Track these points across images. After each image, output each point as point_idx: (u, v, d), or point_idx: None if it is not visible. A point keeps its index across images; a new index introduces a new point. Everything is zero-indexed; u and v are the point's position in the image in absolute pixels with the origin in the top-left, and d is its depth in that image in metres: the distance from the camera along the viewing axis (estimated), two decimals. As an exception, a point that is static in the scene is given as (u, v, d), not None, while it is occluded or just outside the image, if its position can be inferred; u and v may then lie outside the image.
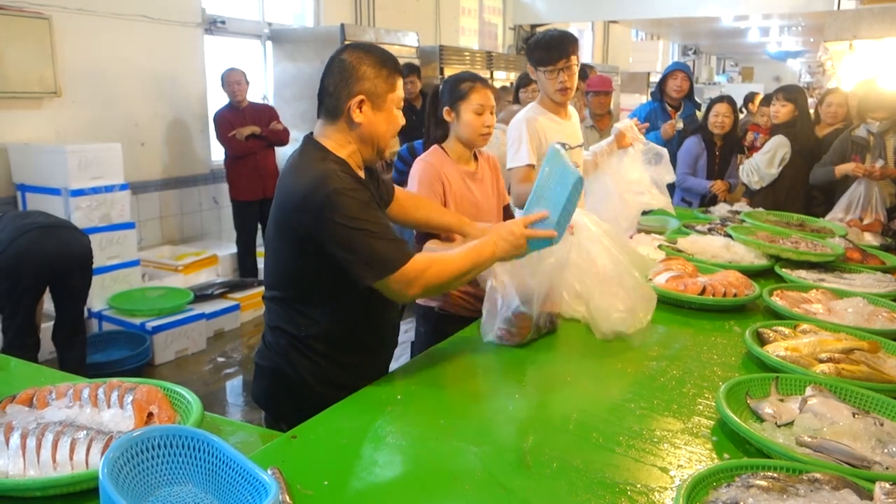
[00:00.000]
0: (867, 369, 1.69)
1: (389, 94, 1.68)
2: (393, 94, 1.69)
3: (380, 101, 1.67)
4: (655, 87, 5.12)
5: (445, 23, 8.56)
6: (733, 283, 2.35)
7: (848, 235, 3.26)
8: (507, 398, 1.65)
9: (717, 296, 2.29)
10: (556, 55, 2.58)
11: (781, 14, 9.80)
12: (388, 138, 1.73)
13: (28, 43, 4.10)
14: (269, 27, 6.11)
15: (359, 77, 1.64)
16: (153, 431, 1.15)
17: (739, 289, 2.33)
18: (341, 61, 1.66)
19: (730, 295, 2.30)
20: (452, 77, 2.42)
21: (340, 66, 1.66)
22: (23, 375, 1.79)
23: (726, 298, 2.29)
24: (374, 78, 1.65)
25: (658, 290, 2.33)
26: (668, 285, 2.36)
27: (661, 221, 3.64)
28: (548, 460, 1.35)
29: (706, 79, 18.60)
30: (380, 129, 1.69)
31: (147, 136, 5.07)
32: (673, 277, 2.40)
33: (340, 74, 1.65)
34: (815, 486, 1.16)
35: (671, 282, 2.37)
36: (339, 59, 1.67)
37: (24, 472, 1.21)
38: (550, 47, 2.60)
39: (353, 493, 1.24)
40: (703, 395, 1.66)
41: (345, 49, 1.69)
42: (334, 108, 1.67)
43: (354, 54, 1.66)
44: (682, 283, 2.35)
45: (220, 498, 1.13)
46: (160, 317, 4.19)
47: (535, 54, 2.64)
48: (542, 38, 2.64)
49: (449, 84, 2.37)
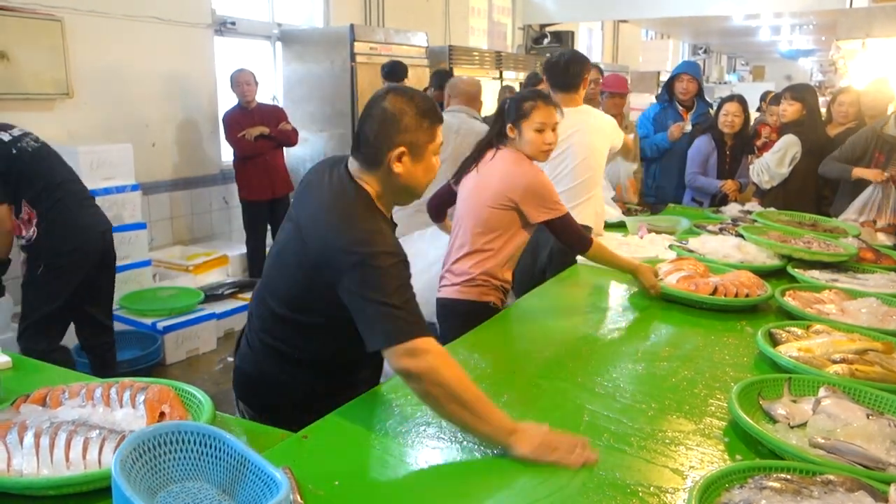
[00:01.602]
0: (881, 370, 1.67)
1: (430, 145, 1.64)
2: (433, 144, 1.65)
3: (420, 151, 1.62)
4: (662, 88, 5.09)
5: (455, 23, 8.55)
6: (745, 284, 2.33)
7: (861, 235, 3.23)
8: (517, 399, 1.65)
9: (730, 296, 2.27)
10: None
11: (793, 12, 9.72)
12: (425, 186, 1.70)
13: (40, 44, 4.12)
14: (278, 28, 6.13)
15: (401, 129, 1.59)
16: (165, 427, 1.15)
17: (752, 289, 2.32)
18: (383, 110, 1.60)
19: (741, 295, 2.28)
20: (517, 94, 2.58)
21: (382, 114, 1.60)
22: (36, 375, 1.80)
23: (738, 299, 2.27)
24: (415, 130, 1.60)
25: (669, 290, 2.34)
26: (680, 285, 2.35)
27: (671, 221, 3.62)
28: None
29: (717, 78, 18.48)
30: (418, 178, 1.66)
31: (158, 136, 5.09)
32: (684, 277, 2.39)
33: (381, 124, 1.60)
34: (829, 487, 1.15)
35: (682, 282, 2.36)
36: (380, 108, 1.61)
37: (38, 471, 1.22)
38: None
39: (364, 493, 1.24)
40: (714, 396, 1.65)
41: (386, 95, 1.63)
42: (373, 158, 1.63)
43: (397, 103, 1.60)
44: (693, 283, 2.34)
45: (232, 494, 1.13)
46: (171, 317, 4.21)
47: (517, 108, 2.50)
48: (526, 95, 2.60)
49: (513, 102, 2.48)
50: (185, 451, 1.15)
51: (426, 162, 1.65)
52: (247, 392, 1.84)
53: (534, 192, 2.37)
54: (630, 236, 3.28)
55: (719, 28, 13.27)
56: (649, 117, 4.96)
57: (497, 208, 2.39)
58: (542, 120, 2.40)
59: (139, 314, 4.20)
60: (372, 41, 5.87)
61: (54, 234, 2.98)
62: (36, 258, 3.03)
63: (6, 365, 1.79)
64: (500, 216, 2.40)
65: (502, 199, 2.38)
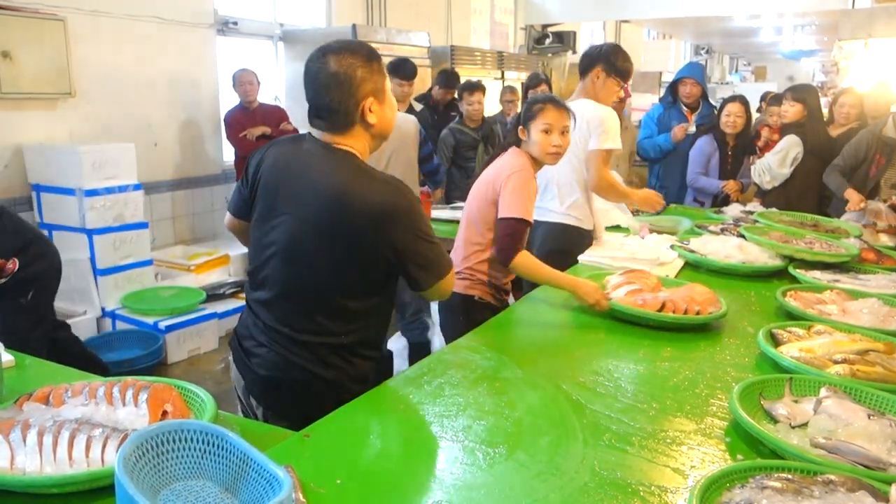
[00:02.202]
0: (882, 370, 1.67)
1: (384, 82, 1.71)
2: (385, 81, 1.72)
3: (381, 93, 1.70)
4: (666, 90, 5.09)
5: (457, 23, 8.55)
6: (696, 300, 2.17)
7: (863, 236, 3.23)
8: (519, 399, 1.65)
9: (678, 312, 2.10)
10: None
11: (795, 13, 9.71)
12: (393, 122, 1.77)
13: (43, 44, 4.13)
14: (280, 28, 6.13)
15: (359, 83, 1.64)
16: (168, 426, 1.16)
17: (703, 305, 2.15)
18: (333, 74, 1.63)
19: (692, 312, 2.11)
20: (532, 97, 2.68)
21: (335, 78, 1.63)
22: (39, 373, 1.81)
23: (686, 316, 2.10)
24: (371, 77, 1.66)
25: (616, 306, 2.18)
26: (626, 300, 2.18)
27: (673, 222, 3.62)
28: (560, 461, 1.35)
29: (719, 78, 18.46)
30: (388, 118, 1.74)
31: (160, 136, 5.10)
32: (632, 291, 2.22)
33: (339, 88, 1.64)
34: (829, 487, 1.16)
35: (630, 296, 2.20)
36: (327, 73, 1.64)
37: (41, 469, 1.22)
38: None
39: (366, 491, 1.25)
40: (716, 396, 1.65)
41: (325, 59, 1.65)
42: (345, 121, 1.67)
43: (342, 62, 1.64)
44: (640, 298, 2.17)
45: (234, 492, 1.14)
46: (173, 316, 4.22)
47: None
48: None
49: (527, 104, 2.54)
50: (188, 449, 1.15)
51: (388, 99, 1.72)
52: (282, 398, 1.76)
53: (512, 187, 2.36)
54: (632, 236, 3.28)
55: (721, 28, 13.27)
56: (653, 118, 4.96)
57: (484, 201, 2.43)
58: (548, 121, 2.41)
59: (141, 314, 4.21)
60: (374, 41, 5.87)
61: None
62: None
63: (9, 363, 1.80)
64: (486, 209, 2.42)
65: (489, 191, 2.41)
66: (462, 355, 1.90)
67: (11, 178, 4.21)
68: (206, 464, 1.16)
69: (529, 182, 2.41)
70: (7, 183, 4.19)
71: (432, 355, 1.97)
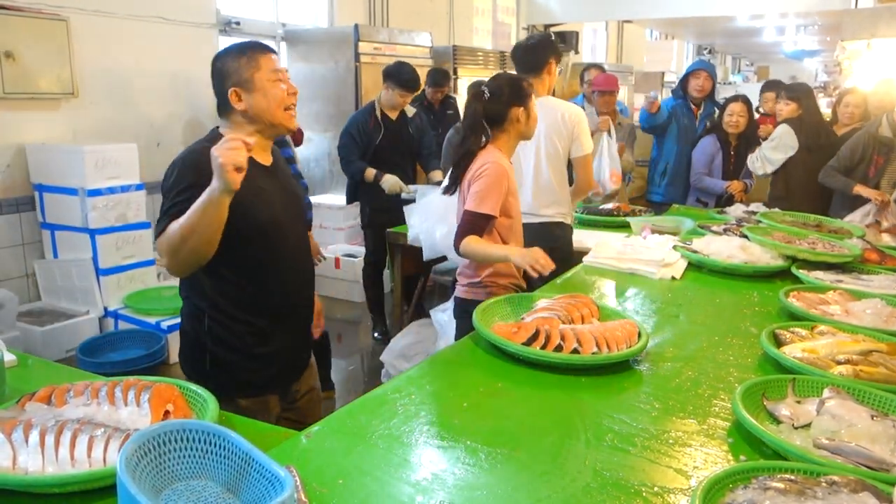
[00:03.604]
0: (886, 371, 1.67)
1: (255, 74, 1.83)
2: (259, 73, 1.84)
3: (248, 84, 1.83)
4: (678, 84, 5.11)
5: (459, 23, 8.55)
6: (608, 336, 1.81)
7: (866, 236, 3.22)
8: (522, 399, 1.65)
9: (551, 345, 1.78)
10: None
11: (798, 13, 9.68)
12: (275, 110, 1.85)
13: (46, 44, 4.14)
14: (283, 28, 6.14)
15: (226, 74, 1.84)
16: (170, 426, 1.16)
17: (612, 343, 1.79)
18: (213, 68, 1.88)
19: (567, 348, 1.77)
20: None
21: (213, 72, 1.88)
22: (41, 373, 1.81)
23: (548, 353, 1.76)
24: (237, 69, 1.83)
25: (482, 332, 1.90)
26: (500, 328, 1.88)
27: (675, 222, 3.62)
28: (563, 461, 1.35)
29: (721, 78, 18.40)
30: (259, 105, 1.83)
31: (162, 136, 5.10)
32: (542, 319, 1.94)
33: (214, 79, 1.87)
34: (833, 488, 1.15)
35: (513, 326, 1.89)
36: (213, 68, 1.88)
37: (43, 468, 1.22)
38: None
39: (368, 491, 1.25)
40: (718, 397, 1.65)
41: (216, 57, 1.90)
42: (222, 108, 1.88)
43: (219, 58, 1.88)
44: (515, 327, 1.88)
45: (236, 492, 1.14)
46: (175, 316, 4.21)
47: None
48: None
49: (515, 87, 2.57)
50: (190, 449, 1.15)
51: (261, 90, 1.83)
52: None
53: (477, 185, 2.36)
54: (634, 237, 3.27)
55: (724, 28, 13.23)
56: (667, 107, 5.01)
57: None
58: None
59: (143, 313, 4.21)
60: (376, 41, 5.87)
61: None
62: None
63: (12, 363, 1.80)
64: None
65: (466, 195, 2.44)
66: (464, 355, 1.89)
67: (14, 178, 4.21)
68: (207, 464, 1.16)
69: (499, 176, 2.37)
70: (9, 183, 4.20)
71: (434, 355, 1.97)
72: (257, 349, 1.89)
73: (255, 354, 1.89)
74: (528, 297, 2.24)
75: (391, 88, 4.44)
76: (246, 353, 1.88)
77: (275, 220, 1.86)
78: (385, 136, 4.49)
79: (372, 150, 4.48)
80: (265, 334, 1.89)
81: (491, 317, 2.04)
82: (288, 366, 2.01)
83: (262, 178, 1.85)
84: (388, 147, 4.49)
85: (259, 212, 1.81)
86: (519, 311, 2.11)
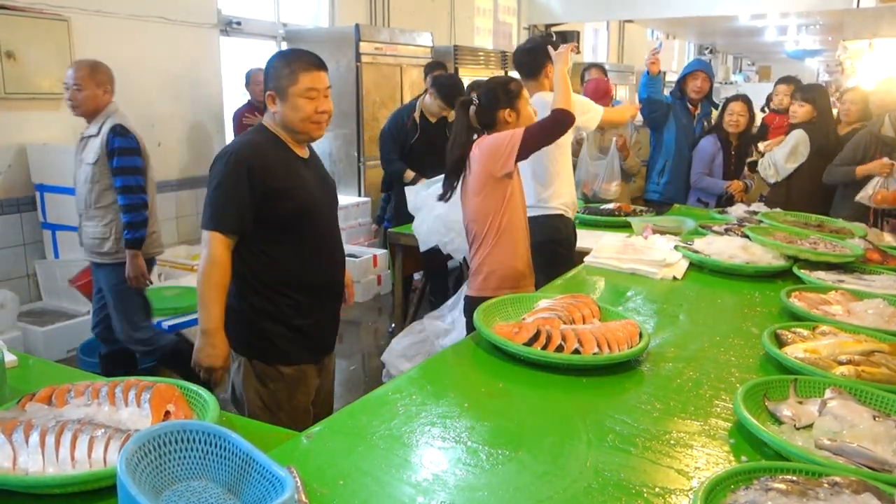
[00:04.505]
0: (888, 371, 1.67)
1: (291, 88, 1.98)
2: (294, 87, 1.98)
3: (283, 93, 2.00)
4: (675, 84, 5.09)
5: (460, 23, 8.54)
6: (608, 336, 1.81)
7: (868, 236, 3.22)
8: (523, 399, 1.65)
9: (552, 346, 1.77)
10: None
11: (799, 12, 9.67)
12: (298, 123, 2.02)
13: (47, 44, 4.14)
14: (284, 28, 6.14)
15: (269, 76, 2.03)
16: (171, 426, 1.15)
17: (614, 344, 1.79)
18: (265, 64, 2.05)
19: (569, 349, 1.76)
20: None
21: (265, 67, 2.06)
22: (41, 373, 1.81)
23: (549, 353, 1.75)
24: (278, 76, 2.00)
25: (484, 333, 1.89)
26: (502, 329, 1.87)
27: (677, 222, 3.61)
28: (564, 462, 1.34)
29: (723, 78, 18.41)
30: (287, 116, 2.01)
31: (163, 136, 5.11)
32: (543, 320, 1.93)
33: (264, 74, 2.07)
34: (835, 489, 1.15)
35: (514, 327, 1.88)
36: (266, 64, 2.06)
37: (44, 469, 1.22)
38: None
39: (369, 492, 1.24)
40: (720, 397, 1.64)
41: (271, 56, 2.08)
42: (263, 102, 2.08)
43: (272, 59, 2.05)
44: (516, 327, 1.86)
45: (237, 493, 1.14)
46: (176, 316, 4.22)
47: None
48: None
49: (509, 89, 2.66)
50: (190, 450, 1.15)
51: (291, 103, 1.99)
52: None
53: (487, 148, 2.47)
54: (635, 237, 3.27)
55: (725, 28, 13.23)
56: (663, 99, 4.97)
57: (478, 190, 2.50)
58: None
59: (144, 313, 4.20)
60: (377, 41, 5.87)
61: None
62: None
63: (12, 364, 1.80)
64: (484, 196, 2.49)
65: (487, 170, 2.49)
66: (465, 356, 1.89)
67: (15, 178, 4.21)
68: (208, 464, 1.16)
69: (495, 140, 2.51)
70: (11, 183, 4.20)
71: (435, 355, 1.97)
72: (296, 321, 2.09)
73: (295, 326, 2.10)
74: (529, 297, 2.24)
75: (436, 98, 4.42)
76: (286, 324, 2.09)
77: (314, 204, 2.08)
78: (420, 137, 4.47)
79: (407, 150, 4.49)
80: (302, 307, 2.10)
81: (492, 317, 2.04)
82: (321, 338, 2.22)
83: (302, 168, 2.08)
84: (423, 148, 4.46)
85: (300, 196, 2.03)
86: (520, 312, 2.11)
